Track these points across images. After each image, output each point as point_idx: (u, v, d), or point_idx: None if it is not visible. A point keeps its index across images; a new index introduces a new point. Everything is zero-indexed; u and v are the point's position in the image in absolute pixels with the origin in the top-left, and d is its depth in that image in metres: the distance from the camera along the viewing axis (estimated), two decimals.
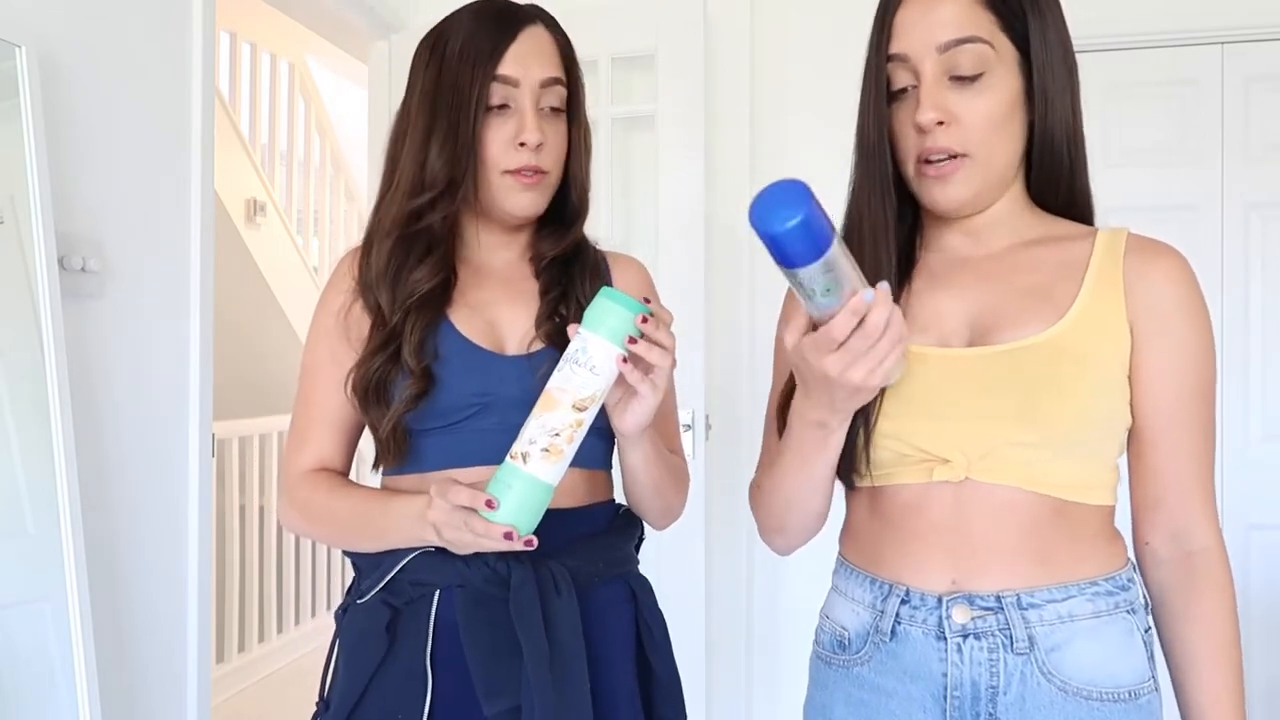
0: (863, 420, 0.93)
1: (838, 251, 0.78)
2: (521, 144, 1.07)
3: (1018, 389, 0.90)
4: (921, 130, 0.92)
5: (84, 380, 1.76)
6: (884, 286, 0.80)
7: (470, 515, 0.91)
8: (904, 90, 0.94)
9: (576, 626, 1.02)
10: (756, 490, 1.05)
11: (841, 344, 0.80)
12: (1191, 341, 0.93)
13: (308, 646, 3.94)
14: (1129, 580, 0.94)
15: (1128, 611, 0.92)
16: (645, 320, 0.92)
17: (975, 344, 0.93)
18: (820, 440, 0.91)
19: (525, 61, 1.08)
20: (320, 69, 4.88)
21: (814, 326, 0.83)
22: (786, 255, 0.79)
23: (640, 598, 1.13)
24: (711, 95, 2.48)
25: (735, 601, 2.55)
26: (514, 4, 1.12)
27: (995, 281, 0.96)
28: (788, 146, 2.56)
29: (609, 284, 1.16)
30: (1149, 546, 0.96)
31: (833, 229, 0.79)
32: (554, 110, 1.11)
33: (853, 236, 0.98)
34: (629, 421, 1.00)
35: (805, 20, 2.54)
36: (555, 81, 1.10)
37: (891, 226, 0.96)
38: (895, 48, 0.93)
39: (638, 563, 1.18)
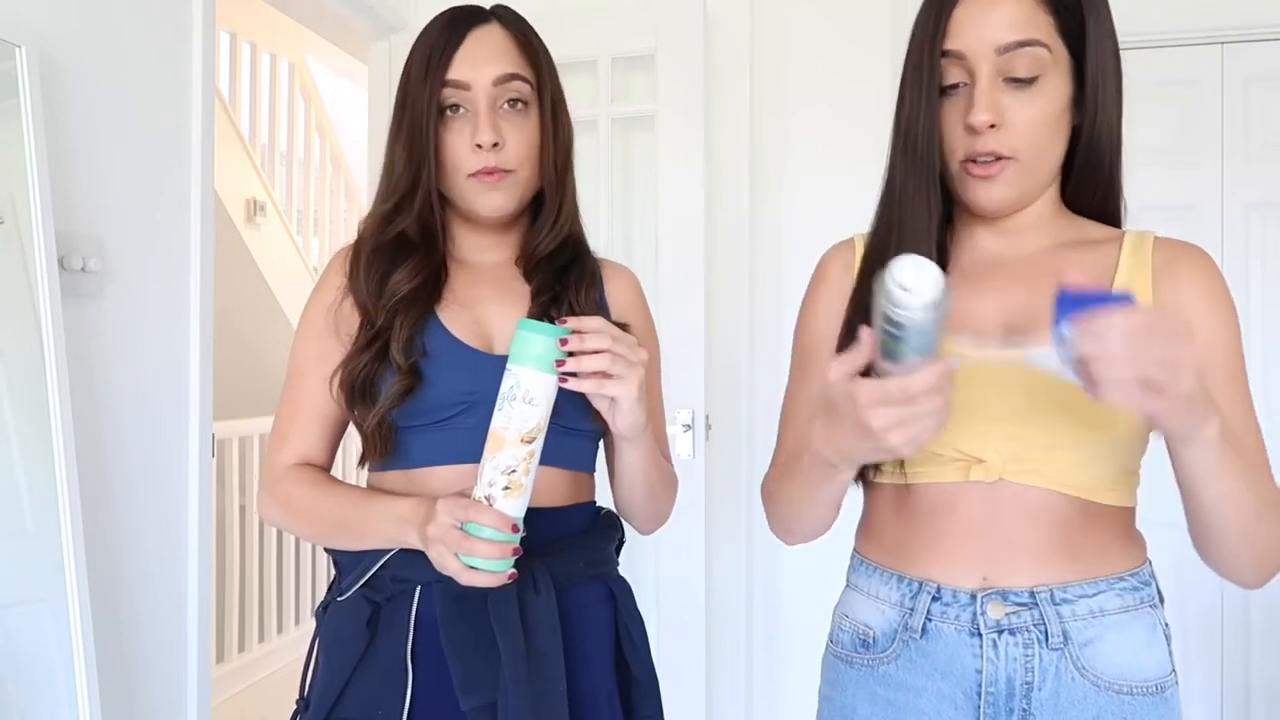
0: None
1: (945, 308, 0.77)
2: (478, 145, 1.07)
3: (1055, 393, 0.89)
4: (973, 131, 0.90)
5: (84, 380, 1.76)
6: (955, 362, 0.77)
7: (463, 539, 0.92)
8: (954, 86, 0.92)
9: (555, 625, 1.03)
10: (766, 493, 1.05)
11: (904, 403, 0.76)
12: (1220, 329, 0.93)
13: (308, 646, 3.93)
14: (1150, 576, 0.96)
15: (1150, 606, 0.94)
16: (565, 342, 0.92)
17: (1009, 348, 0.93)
18: (827, 477, 0.90)
19: (474, 63, 1.08)
20: (320, 69, 4.88)
21: (866, 373, 0.80)
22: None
23: (619, 599, 1.14)
24: (711, 95, 2.48)
25: (735, 601, 2.55)
26: (471, 6, 1.12)
27: (1027, 285, 0.95)
28: (788, 146, 2.56)
29: (601, 293, 1.17)
30: None
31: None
32: (515, 108, 1.09)
33: (893, 236, 0.96)
34: (621, 422, 1.00)
35: (805, 20, 2.54)
36: (512, 77, 1.09)
37: (935, 227, 0.95)
38: (951, 44, 0.91)
39: (617, 564, 1.18)
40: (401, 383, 1.04)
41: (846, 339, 0.98)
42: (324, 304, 1.13)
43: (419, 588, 1.05)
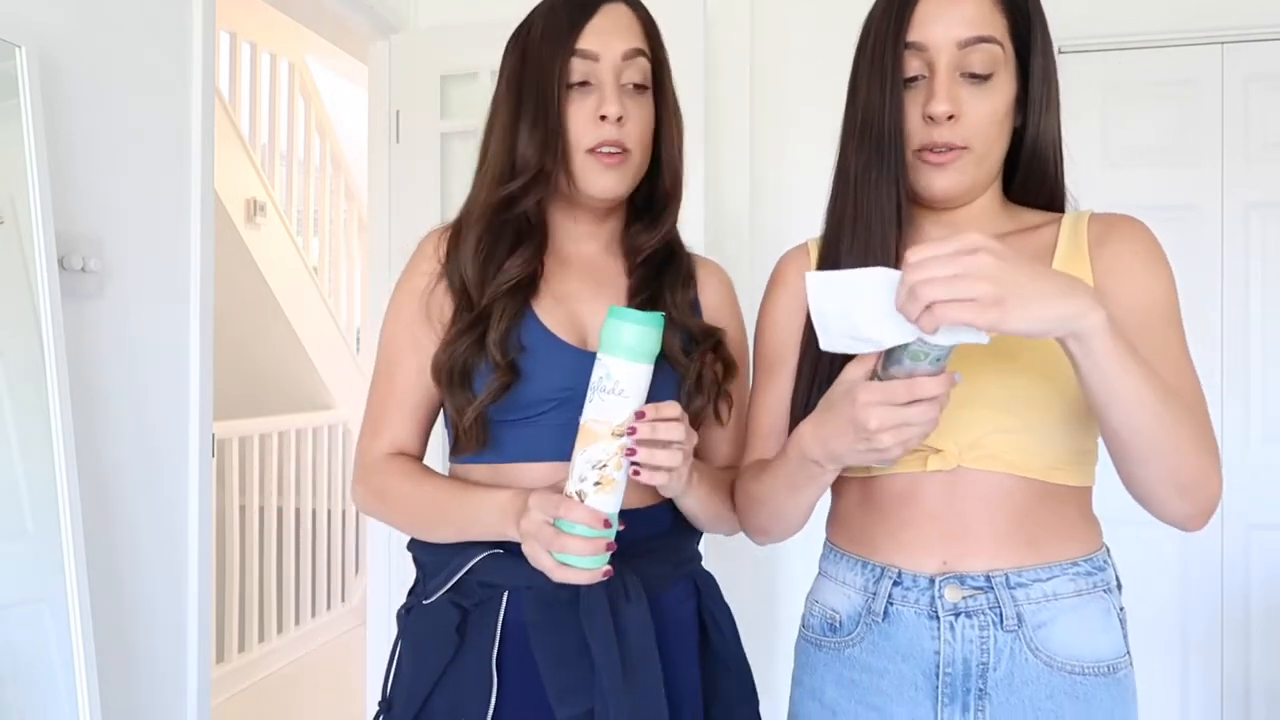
0: None
1: None
2: (602, 117, 1.04)
3: (1001, 376, 0.93)
4: (931, 120, 0.93)
5: (84, 380, 1.76)
6: (958, 377, 0.82)
7: (556, 535, 0.89)
8: (913, 79, 0.95)
9: (649, 631, 1.01)
10: (743, 494, 1.06)
11: (903, 405, 0.80)
12: (1156, 286, 0.95)
13: (308, 646, 3.94)
14: (1104, 562, 0.99)
15: (1104, 591, 0.97)
16: (633, 431, 0.89)
17: None
18: (812, 477, 0.93)
19: (605, 36, 1.06)
20: (320, 69, 4.88)
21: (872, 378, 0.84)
22: None
23: (704, 592, 1.13)
24: (711, 95, 2.48)
25: (734, 601, 2.55)
26: None
27: None
28: (788, 147, 2.56)
29: (696, 294, 1.15)
30: None
31: None
32: (637, 88, 1.08)
33: (856, 225, 0.99)
34: (664, 491, 0.99)
35: (805, 20, 2.54)
36: (637, 54, 1.08)
37: (898, 215, 0.97)
38: (914, 36, 0.94)
39: (700, 559, 1.17)
40: (500, 379, 1.02)
41: (810, 343, 0.99)
42: (415, 290, 1.11)
43: (506, 593, 1.03)
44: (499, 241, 1.07)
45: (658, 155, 1.12)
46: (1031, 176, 1.01)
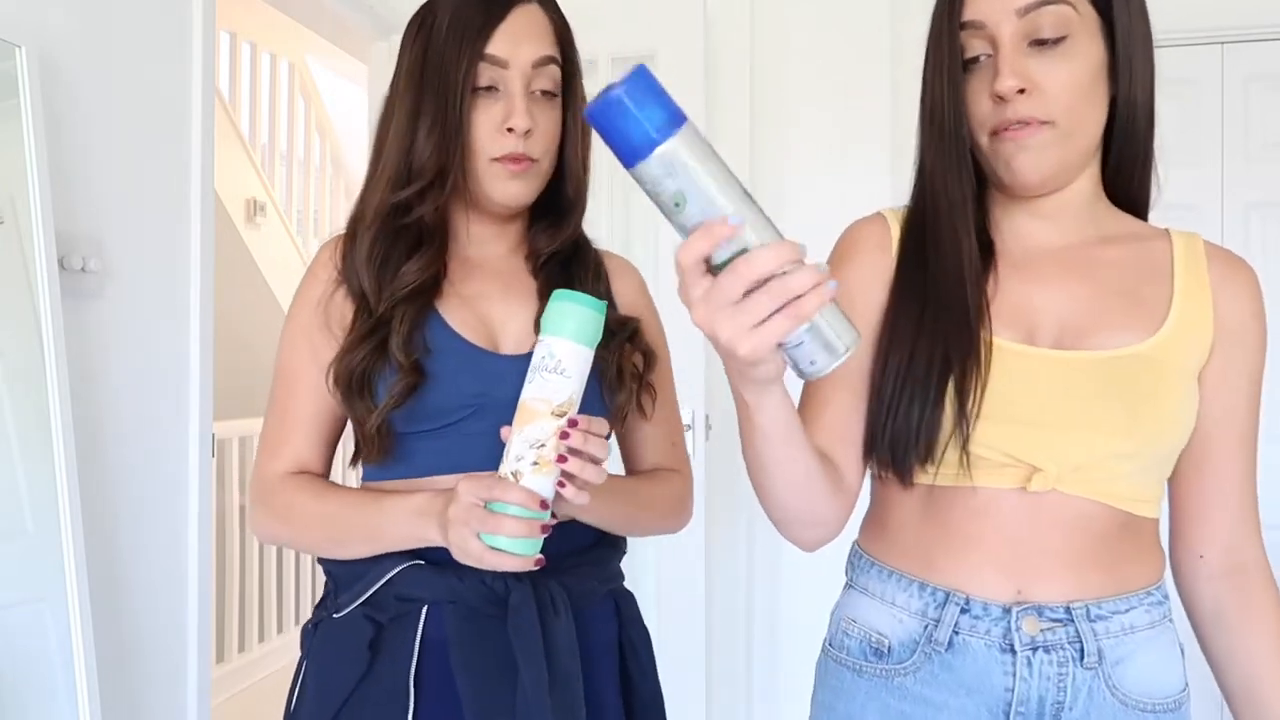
0: (958, 415, 0.85)
1: (689, 151, 0.61)
2: (509, 129, 1.01)
3: (1121, 399, 0.85)
4: (1000, 99, 0.84)
5: (84, 380, 1.76)
6: (799, 243, 0.61)
7: (487, 516, 0.85)
8: (976, 59, 0.87)
9: (574, 649, 0.98)
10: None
11: (705, 279, 0.64)
12: (1261, 356, 0.92)
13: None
14: (1166, 590, 0.94)
15: (1169, 620, 0.92)
16: (566, 435, 0.85)
17: (1065, 345, 0.88)
18: (744, 414, 0.80)
19: (516, 41, 1.01)
20: (320, 69, 4.88)
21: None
22: (615, 144, 0.62)
23: (624, 613, 1.09)
24: (711, 95, 2.48)
25: (735, 602, 2.55)
26: None
27: (1081, 277, 0.90)
28: (788, 147, 2.56)
29: (608, 287, 1.12)
30: (1203, 559, 0.94)
31: (683, 122, 0.62)
32: (546, 94, 1.04)
33: (938, 218, 0.91)
34: (574, 511, 0.95)
35: (805, 21, 2.54)
36: (549, 61, 1.03)
37: (970, 205, 0.90)
38: (969, 14, 0.86)
39: (623, 577, 1.13)
40: (404, 381, 0.97)
41: (891, 328, 0.91)
42: (312, 299, 1.05)
43: (425, 607, 0.98)
44: (394, 247, 1.02)
45: (563, 161, 1.08)
46: (1125, 156, 0.92)
